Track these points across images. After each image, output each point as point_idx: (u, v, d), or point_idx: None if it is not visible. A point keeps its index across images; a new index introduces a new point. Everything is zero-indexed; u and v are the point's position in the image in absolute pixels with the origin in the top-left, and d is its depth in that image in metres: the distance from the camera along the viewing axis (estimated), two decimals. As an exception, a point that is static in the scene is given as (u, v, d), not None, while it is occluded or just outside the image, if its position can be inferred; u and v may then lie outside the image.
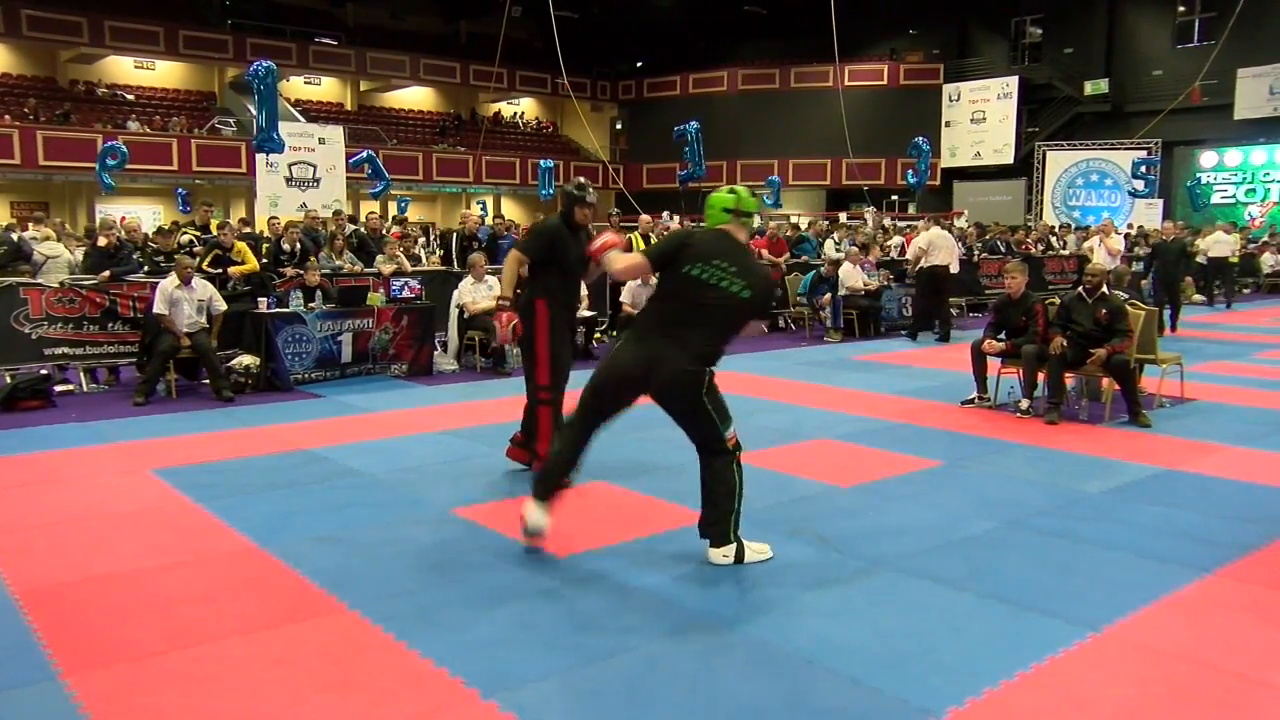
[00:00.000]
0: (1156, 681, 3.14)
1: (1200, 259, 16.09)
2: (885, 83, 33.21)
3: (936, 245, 12.12)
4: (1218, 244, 16.78)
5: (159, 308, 8.22)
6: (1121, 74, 29.99)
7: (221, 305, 8.64)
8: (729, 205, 4.09)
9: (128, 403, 8.01)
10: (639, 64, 37.58)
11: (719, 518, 4.10)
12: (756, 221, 4.07)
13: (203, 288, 8.56)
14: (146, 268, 9.36)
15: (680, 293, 3.96)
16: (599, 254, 4.29)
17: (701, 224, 4.24)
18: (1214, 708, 2.98)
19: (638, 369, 4.01)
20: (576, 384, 4.71)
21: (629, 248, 5.00)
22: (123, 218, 12.84)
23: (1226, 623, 3.60)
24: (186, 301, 8.33)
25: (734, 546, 4.12)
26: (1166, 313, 12.17)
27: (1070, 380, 7.50)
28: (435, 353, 9.97)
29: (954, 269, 12.29)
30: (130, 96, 28.66)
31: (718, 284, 3.91)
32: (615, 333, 3.66)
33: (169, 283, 8.30)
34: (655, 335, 4.00)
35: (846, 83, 30.53)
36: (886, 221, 20.17)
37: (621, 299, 11.00)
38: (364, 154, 18.28)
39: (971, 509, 4.97)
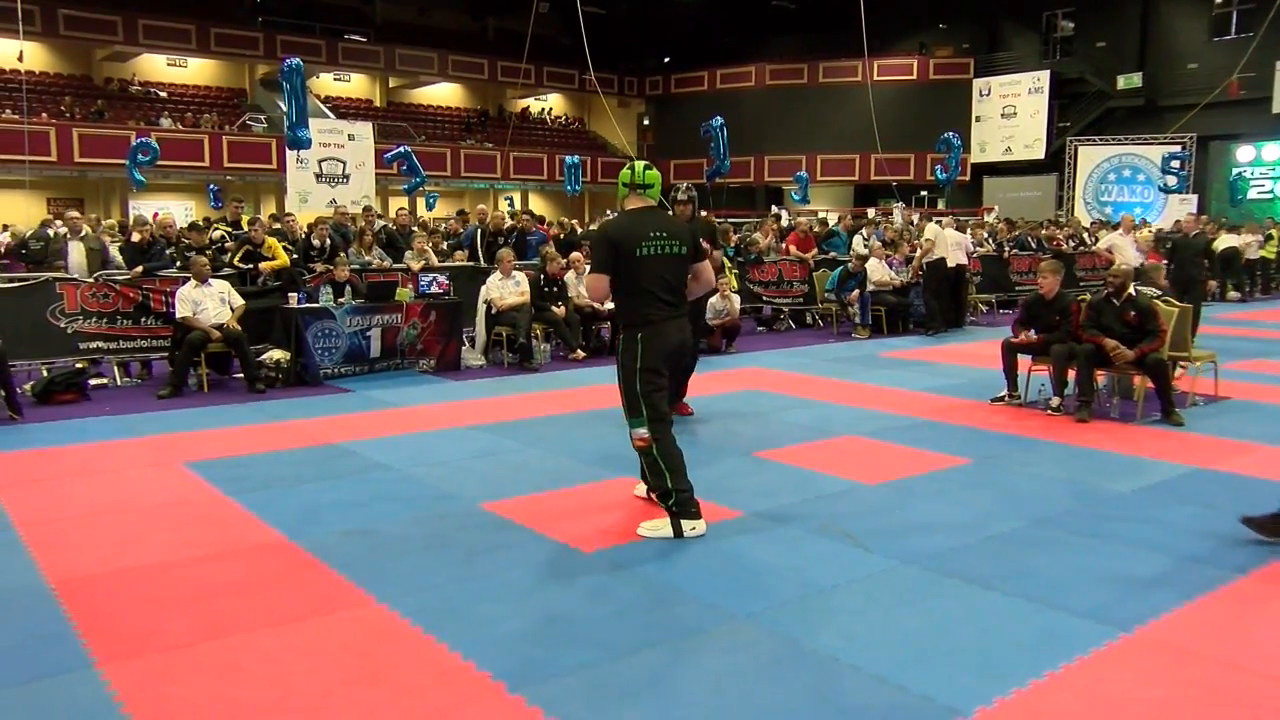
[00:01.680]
0: (1187, 684, 3.10)
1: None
2: (914, 77, 32.97)
3: (939, 240, 12.10)
4: (1224, 242, 16.99)
5: (183, 312, 8.36)
6: (1155, 67, 29.57)
7: (239, 300, 8.73)
8: (626, 180, 4.63)
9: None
10: (666, 59, 37.53)
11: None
12: (657, 191, 4.66)
13: (219, 284, 8.71)
14: (179, 263, 9.48)
15: (644, 274, 4.42)
16: None
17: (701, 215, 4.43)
18: (1246, 711, 2.93)
19: (683, 341, 4.60)
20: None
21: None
22: (155, 213, 13.03)
23: (1259, 625, 3.54)
24: (208, 298, 8.48)
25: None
26: None
27: (1102, 378, 7.41)
28: (463, 348, 10.02)
29: (951, 261, 12.18)
30: (163, 94, 29.06)
31: (663, 252, 4.45)
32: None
33: (188, 286, 8.48)
34: (665, 315, 4.46)
35: (875, 78, 30.35)
36: (916, 217, 19.99)
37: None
38: (401, 149, 18.16)
39: (1000, 507, 4.93)
